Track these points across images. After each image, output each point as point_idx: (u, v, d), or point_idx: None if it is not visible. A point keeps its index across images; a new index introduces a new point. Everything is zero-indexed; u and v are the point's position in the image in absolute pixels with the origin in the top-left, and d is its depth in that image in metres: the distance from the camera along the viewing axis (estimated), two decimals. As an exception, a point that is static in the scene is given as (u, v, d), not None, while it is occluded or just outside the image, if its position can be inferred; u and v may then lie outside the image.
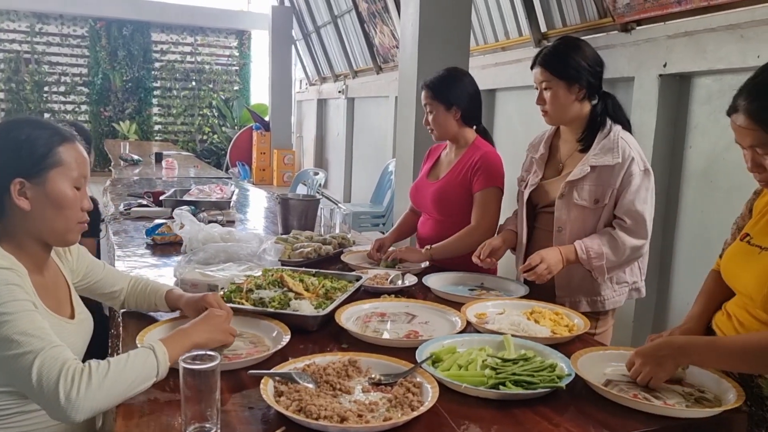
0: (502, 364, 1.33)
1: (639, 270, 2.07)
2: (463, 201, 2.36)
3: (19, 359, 1.12)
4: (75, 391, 1.09)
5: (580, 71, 1.94)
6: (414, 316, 1.74)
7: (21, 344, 1.13)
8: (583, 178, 1.92)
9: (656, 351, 1.32)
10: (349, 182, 9.42)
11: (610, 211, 1.93)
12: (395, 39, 7.06)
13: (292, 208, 2.80)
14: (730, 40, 2.91)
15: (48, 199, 1.31)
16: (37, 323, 1.18)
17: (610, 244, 1.88)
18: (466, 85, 2.39)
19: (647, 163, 1.94)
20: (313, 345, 1.54)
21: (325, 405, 1.14)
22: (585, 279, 1.96)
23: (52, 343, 1.16)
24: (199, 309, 1.51)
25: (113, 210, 3.41)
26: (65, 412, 1.09)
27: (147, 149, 8.21)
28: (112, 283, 1.65)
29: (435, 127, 2.41)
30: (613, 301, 2.01)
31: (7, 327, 1.14)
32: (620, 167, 1.88)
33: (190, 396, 1.06)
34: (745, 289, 1.39)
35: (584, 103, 1.99)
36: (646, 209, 1.89)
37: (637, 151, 1.92)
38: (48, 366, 1.11)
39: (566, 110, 1.98)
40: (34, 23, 11.90)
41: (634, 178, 1.88)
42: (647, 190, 1.90)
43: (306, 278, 1.90)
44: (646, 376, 1.30)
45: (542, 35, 4.42)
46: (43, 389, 1.10)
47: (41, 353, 1.13)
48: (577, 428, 1.16)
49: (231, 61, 13.64)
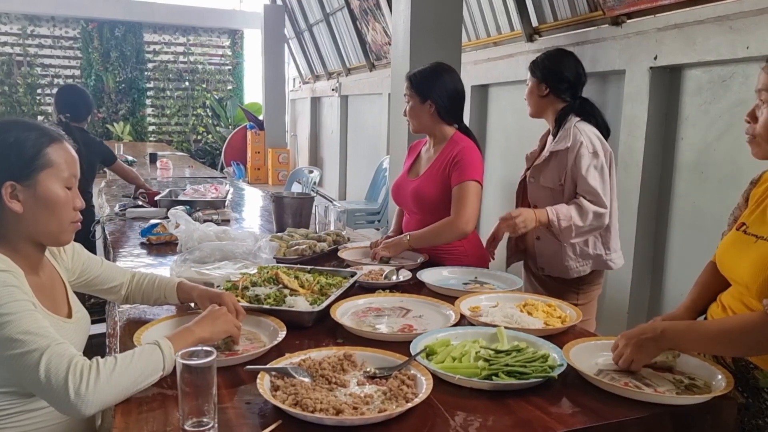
0: (495, 355, 1.35)
1: (602, 244, 2.36)
2: (442, 198, 2.35)
3: (25, 358, 1.14)
4: (84, 386, 1.11)
5: (547, 74, 2.35)
6: (408, 311, 1.76)
7: (25, 343, 1.14)
8: (545, 163, 2.31)
9: (639, 334, 1.34)
10: (344, 180, 9.43)
11: (572, 190, 2.26)
12: (387, 36, 7.07)
13: (286, 206, 2.81)
14: (719, 32, 2.93)
15: (40, 200, 1.31)
16: (39, 322, 1.19)
17: (576, 209, 2.19)
18: (445, 81, 2.38)
19: (597, 147, 2.24)
20: (309, 340, 1.55)
21: (320, 398, 1.15)
22: (554, 253, 2.34)
23: (57, 340, 1.17)
24: (214, 303, 1.53)
25: (108, 211, 3.42)
26: (76, 407, 1.11)
27: (141, 150, 8.20)
28: (111, 278, 1.66)
29: (409, 118, 2.44)
30: (577, 271, 2.34)
31: (9, 327, 1.15)
32: (571, 150, 2.22)
33: (188, 391, 1.07)
34: (741, 279, 1.40)
35: (555, 101, 2.36)
36: (597, 184, 2.20)
37: (588, 137, 2.23)
38: (55, 363, 1.13)
39: (536, 103, 2.41)
40: (26, 25, 11.87)
41: (583, 158, 2.19)
42: (596, 168, 2.21)
43: (301, 275, 1.91)
44: (627, 359, 1.32)
45: (533, 30, 4.43)
46: (52, 386, 1.12)
47: (47, 350, 1.14)
48: (570, 417, 1.18)
49: (224, 60, 13.63)
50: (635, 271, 3.46)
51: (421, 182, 2.41)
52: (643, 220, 3.44)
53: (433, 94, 2.35)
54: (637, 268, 3.46)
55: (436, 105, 2.36)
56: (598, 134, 2.29)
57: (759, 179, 1.54)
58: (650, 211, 3.45)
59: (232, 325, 1.44)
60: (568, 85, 2.35)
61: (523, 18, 4.43)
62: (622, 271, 3.50)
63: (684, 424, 1.22)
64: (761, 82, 1.36)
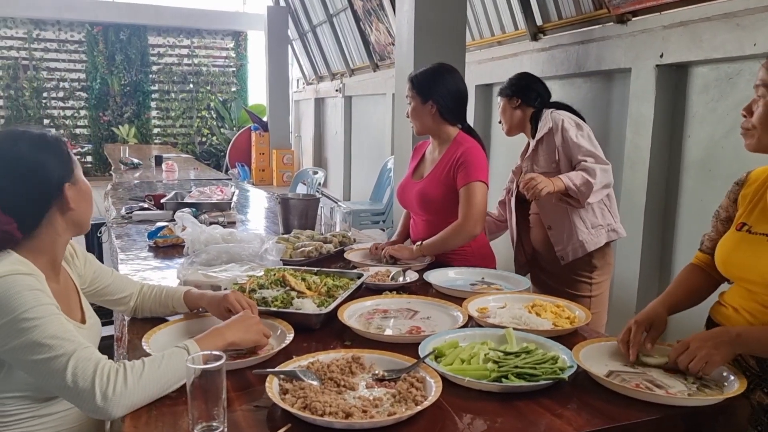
0: (505, 357, 1.34)
1: (610, 213, 2.51)
2: (447, 199, 2.33)
3: (52, 362, 1.14)
4: (111, 390, 1.13)
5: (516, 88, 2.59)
6: (416, 312, 1.75)
7: (53, 348, 1.15)
8: (535, 151, 2.49)
9: (713, 337, 1.31)
10: (348, 180, 9.43)
11: (567, 167, 2.39)
12: (391, 36, 7.07)
13: (292, 208, 2.81)
14: (726, 29, 2.91)
15: (81, 193, 1.36)
16: (65, 326, 1.20)
17: (585, 171, 2.29)
18: (447, 82, 2.36)
19: (578, 121, 2.43)
20: (317, 343, 1.55)
21: (329, 401, 1.15)
22: (568, 233, 2.45)
23: (83, 344, 1.18)
24: (221, 307, 1.53)
25: (115, 214, 3.42)
26: (103, 410, 1.13)
27: (146, 152, 8.22)
28: (121, 289, 1.66)
29: (412, 119, 2.43)
30: (593, 242, 2.45)
31: (37, 332, 1.16)
32: (555, 129, 2.40)
33: (197, 395, 1.07)
34: (762, 278, 1.39)
35: (528, 111, 2.57)
36: (590, 146, 2.36)
37: (567, 116, 2.42)
38: (82, 367, 1.14)
39: (511, 116, 2.61)
40: (32, 29, 11.92)
41: (569, 131, 2.37)
42: (583, 136, 2.38)
43: (308, 277, 1.91)
44: (702, 359, 1.27)
45: (538, 28, 4.42)
46: (80, 390, 1.13)
47: (74, 355, 1.15)
48: (581, 419, 1.17)
49: (228, 62, 13.65)
50: (642, 270, 3.44)
51: (425, 184, 2.40)
52: (650, 218, 3.42)
53: (435, 94, 2.34)
54: (645, 266, 3.44)
55: (438, 105, 2.34)
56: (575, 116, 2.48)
57: (745, 180, 1.57)
58: (657, 210, 3.43)
59: (263, 336, 1.44)
60: (537, 95, 2.56)
61: (528, 17, 4.42)
62: (630, 270, 3.48)
63: (696, 425, 1.21)
64: (759, 77, 1.38)
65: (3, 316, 1.16)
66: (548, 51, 4.22)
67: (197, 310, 1.67)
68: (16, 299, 1.17)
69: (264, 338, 1.44)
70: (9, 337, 1.16)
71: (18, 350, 1.16)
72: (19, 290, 1.18)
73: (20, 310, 1.16)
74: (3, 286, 1.18)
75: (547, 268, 2.56)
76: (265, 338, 1.45)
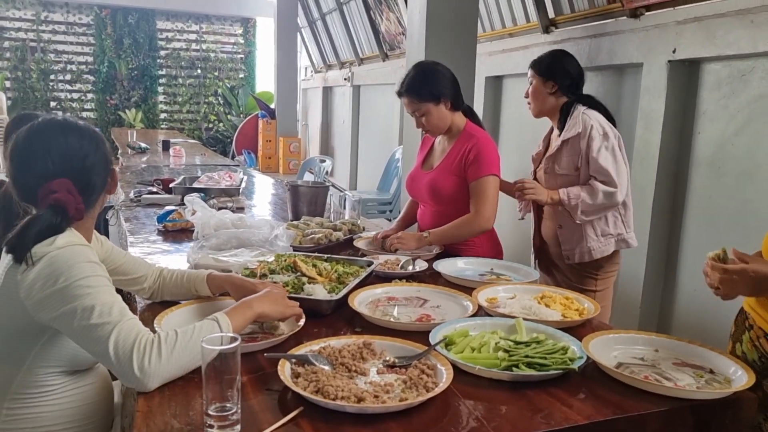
0: (515, 346, 1.35)
1: (623, 223, 2.47)
2: (458, 190, 2.33)
3: (99, 329, 1.20)
4: (147, 362, 1.18)
5: (554, 71, 2.43)
6: (425, 301, 1.76)
7: (101, 315, 1.21)
8: (559, 151, 2.41)
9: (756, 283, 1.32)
10: (354, 170, 9.42)
11: (587, 174, 2.36)
12: (401, 26, 7.04)
13: (301, 195, 2.82)
14: (740, 26, 2.89)
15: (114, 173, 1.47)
16: (116, 296, 1.27)
17: (587, 189, 2.32)
18: (442, 72, 2.36)
19: (606, 129, 2.35)
20: (327, 329, 1.56)
21: (342, 386, 1.16)
22: (577, 237, 2.44)
23: (128, 316, 1.25)
24: (247, 290, 1.55)
25: (123, 197, 3.44)
26: (140, 380, 1.18)
27: (153, 137, 8.23)
28: (135, 270, 1.68)
29: (431, 127, 2.37)
30: (600, 251, 2.43)
31: (89, 299, 1.22)
32: (583, 134, 2.32)
33: (212, 376, 1.08)
34: None
35: (560, 98, 2.45)
36: (608, 164, 2.30)
37: (597, 121, 2.34)
38: (123, 337, 1.19)
39: (543, 101, 2.48)
40: (40, 11, 11.88)
41: (594, 141, 2.30)
42: (607, 149, 2.31)
43: (319, 263, 1.92)
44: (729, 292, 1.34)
45: (550, 21, 4.40)
46: (120, 360, 1.18)
47: (119, 324, 1.21)
48: (590, 409, 1.18)
49: (236, 48, 13.60)
50: (649, 266, 3.44)
51: (436, 174, 2.40)
52: (658, 215, 3.42)
53: (442, 90, 2.33)
54: (651, 262, 3.44)
55: (451, 98, 2.35)
56: (605, 119, 2.40)
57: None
58: (665, 206, 3.43)
59: (291, 307, 1.48)
60: (572, 82, 2.45)
61: (540, 9, 4.40)
62: (636, 266, 3.48)
63: (704, 418, 1.22)
64: None
65: (62, 282, 1.23)
66: (560, 44, 4.20)
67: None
68: (76, 268, 1.25)
69: (294, 309, 1.49)
70: (63, 302, 1.23)
71: (69, 315, 1.22)
72: (79, 260, 1.27)
73: (78, 277, 1.24)
74: (65, 254, 1.26)
75: (554, 260, 2.57)
76: (294, 309, 1.49)
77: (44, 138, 1.34)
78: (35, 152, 1.33)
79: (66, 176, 1.33)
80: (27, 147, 1.33)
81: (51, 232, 1.29)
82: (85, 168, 1.37)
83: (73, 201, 1.32)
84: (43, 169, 1.32)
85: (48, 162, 1.32)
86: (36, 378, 1.32)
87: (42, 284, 1.24)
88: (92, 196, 1.40)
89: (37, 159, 1.32)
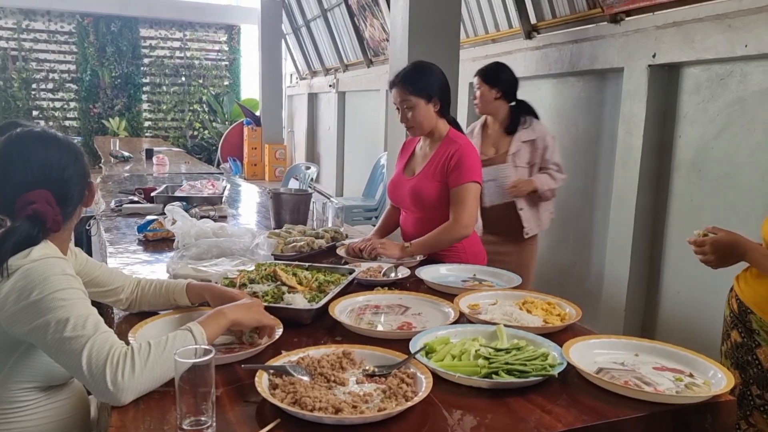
0: (495, 353, 1.34)
1: None
2: (440, 195, 2.32)
3: (72, 342, 1.18)
4: (120, 375, 1.15)
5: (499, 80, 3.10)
6: (407, 308, 1.75)
7: (76, 327, 1.19)
8: (519, 150, 3.07)
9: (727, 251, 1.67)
10: (341, 176, 9.41)
11: (537, 168, 3.10)
12: (385, 32, 7.05)
13: (284, 203, 2.80)
14: (718, 30, 2.93)
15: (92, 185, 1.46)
16: (90, 309, 1.25)
17: (548, 177, 3.07)
18: (438, 74, 2.36)
19: (553, 133, 3.17)
20: (307, 338, 1.54)
21: (319, 397, 1.14)
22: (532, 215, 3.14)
23: (102, 329, 1.22)
24: (225, 299, 1.54)
25: (104, 207, 3.40)
26: (113, 395, 1.16)
27: (137, 146, 8.17)
28: (111, 281, 1.65)
29: (416, 123, 2.34)
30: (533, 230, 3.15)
31: (63, 311, 1.20)
32: (540, 140, 3.07)
33: (186, 390, 1.06)
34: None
35: (502, 103, 3.12)
36: (559, 159, 3.12)
37: (547, 128, 3.16)
38: (97, 350, 1.17)
39: (488, 103, 3.14)
40: (21, 20, 11.78)
41: (547, 143, 3.07)
42: (556, 148, 3.12)
43: (299, 272, 1.90)
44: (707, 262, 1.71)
45: (532, 27, 4.42)
46: (93, 374, 1.16)
47: (92, 338, 1.19)
48: (570, 415, 1.17)
49: (220, 56, 13.56)
50: (632, 270, 3.46)
51: (418, 181, 2.39)
52: (640, 218, 3.44)
53: (435, 90, 2.32)
54: (635, 266, 3.46)
55: (441, 101, 2.34)
56: None
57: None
58: (648, 209, 3.45)
59: (266, 316, 1.46)
60: (510, 89, 3.13)
61: (522, 15, 4.42)
62: (620, 268, 3.50)
63: (684, 422, 1.22)
64: None
65: (36, 295, 1.21)
66: (542, 49, 4.23)
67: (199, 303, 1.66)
68: (50, 280, 1.23)
69: (268, 318, 1.46)
70: (37, 314, 1.21)
71: (43, 328, 1.20)
72: (54, 273, 1.25)
73: (53, 290, 1.22)
74: (40, 267, 1.25)
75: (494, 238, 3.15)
76: (269, 319, 1.47)
77: (23, 149, 1.32)
78: (14, 162, 1.30)
79: (44, 187, 1.31)
80: (5, 157, 1.31)
81: (27, 243, 1.27)
82: (63, 180, 1.35)
83: (51, 212, 1.31)
84: (21, 179, 1.30)
85: (27, 172, 1.30)
86: (9, 394, 1.29)
87: (16, 297, 1.22)
88: (69, 208, 1.39)
89: (16, 169, 1.30)
